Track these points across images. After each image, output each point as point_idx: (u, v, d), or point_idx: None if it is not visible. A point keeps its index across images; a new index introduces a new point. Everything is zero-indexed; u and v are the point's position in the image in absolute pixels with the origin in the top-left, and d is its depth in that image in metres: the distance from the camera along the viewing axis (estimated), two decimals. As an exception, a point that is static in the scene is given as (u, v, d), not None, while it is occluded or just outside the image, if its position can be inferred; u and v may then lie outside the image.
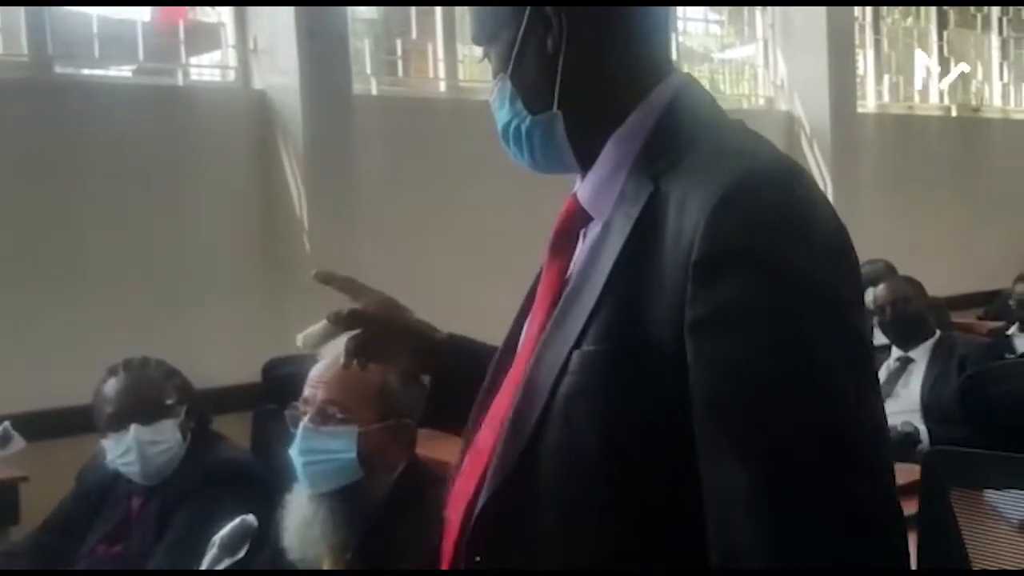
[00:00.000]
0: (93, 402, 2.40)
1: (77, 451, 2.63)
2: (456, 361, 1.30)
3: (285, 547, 1.85)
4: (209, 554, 1.90)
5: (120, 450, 2.33)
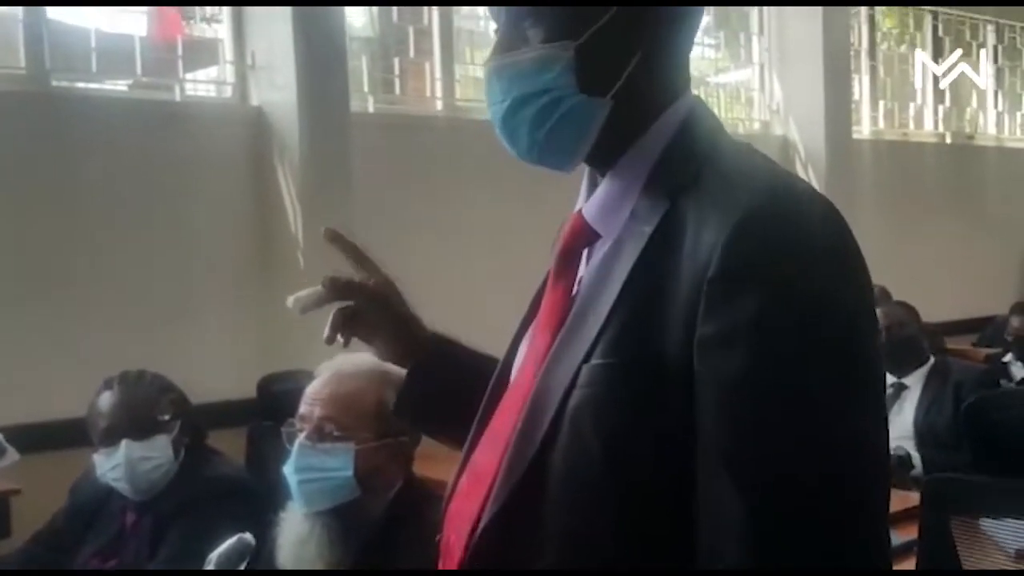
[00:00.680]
0: (87, 415, 2.39)
1: (71, 464, 2.60)
2: (438, 357, 1.29)
3: (280, 565, 1.83)
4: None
5: (110, 465, 2.31)
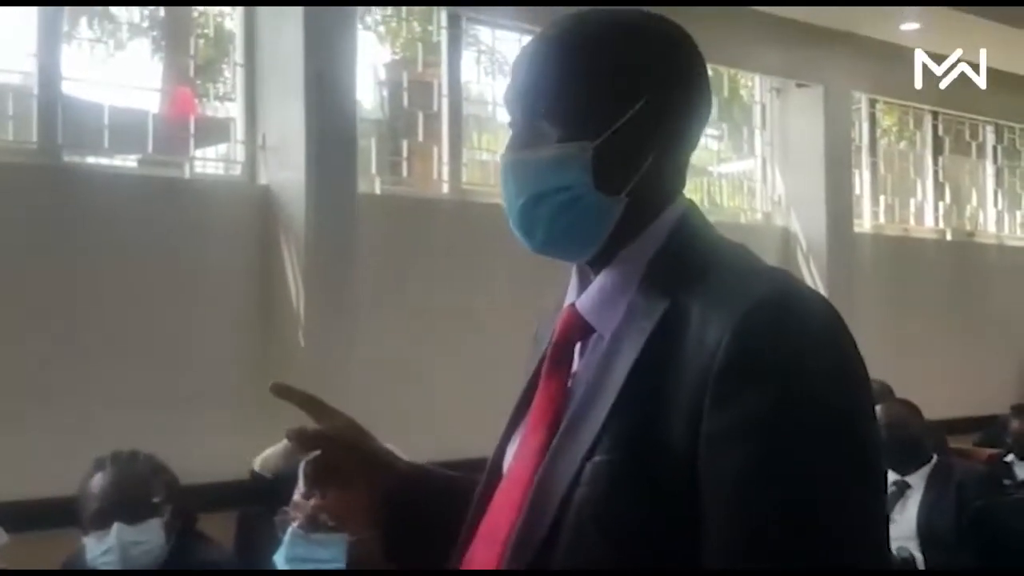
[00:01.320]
0: (78, 496, 2.36)
1: (60, 545, 2.56)
2: (417, 493, 1.22)
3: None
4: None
5: (101, 549, 2.28)
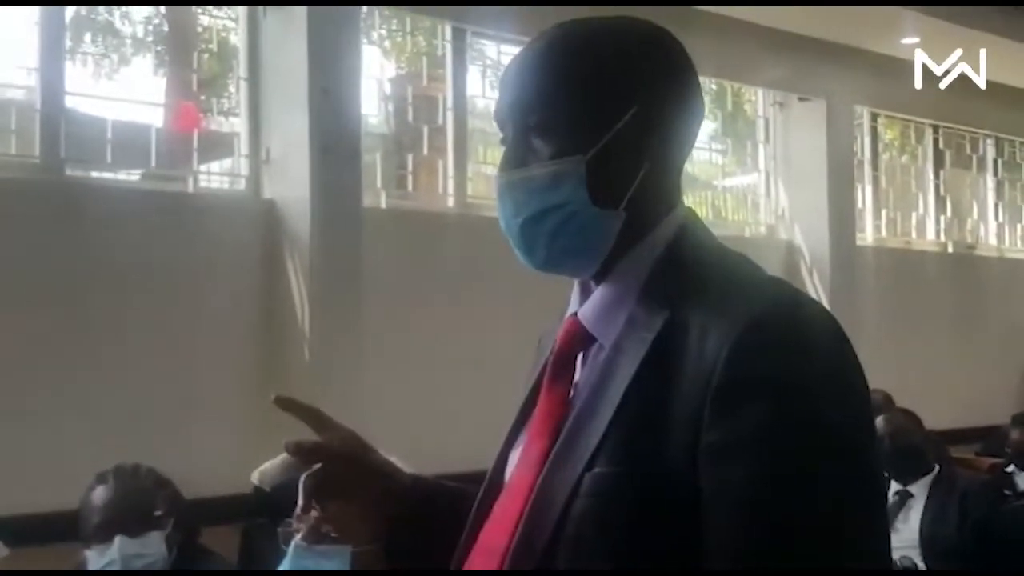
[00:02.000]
0: (80, 510, 2.36)
1: (61, 559, 2.56)
2: (419, 506, 1.21)
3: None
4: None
5: (103, 562, 2.28)
